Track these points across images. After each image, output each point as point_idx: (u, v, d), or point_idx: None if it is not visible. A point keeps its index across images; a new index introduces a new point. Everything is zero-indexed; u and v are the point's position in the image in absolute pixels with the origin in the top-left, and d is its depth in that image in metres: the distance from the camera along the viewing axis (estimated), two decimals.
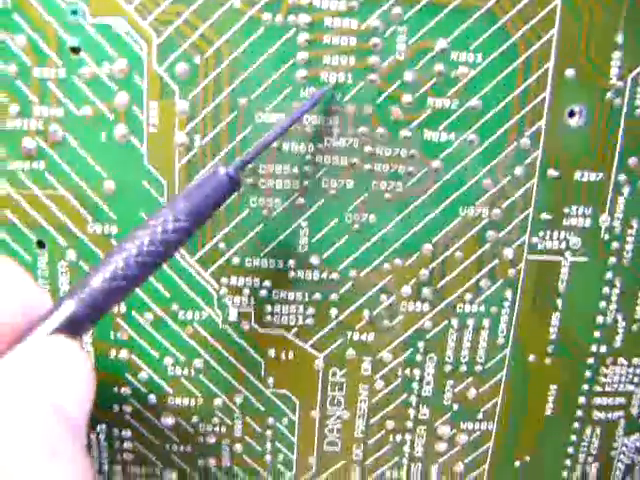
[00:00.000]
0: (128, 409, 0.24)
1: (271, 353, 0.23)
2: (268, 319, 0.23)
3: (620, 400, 0.25)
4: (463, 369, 0.24)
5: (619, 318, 0.24)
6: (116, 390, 0.24)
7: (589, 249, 0.23)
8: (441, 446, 0.25)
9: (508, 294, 0.23)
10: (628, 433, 0.25)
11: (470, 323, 0.24)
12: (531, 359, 0.24)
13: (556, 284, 0.23)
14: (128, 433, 0.24)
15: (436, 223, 0.23)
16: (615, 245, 0.23)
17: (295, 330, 0.23)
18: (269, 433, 0.24)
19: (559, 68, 0.21)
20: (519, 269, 0.23)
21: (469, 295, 0.23)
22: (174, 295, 0.23)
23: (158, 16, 0.21)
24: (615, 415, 0.25)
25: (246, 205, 0.22)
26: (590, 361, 0.24)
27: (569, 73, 0.22)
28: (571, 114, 0.22)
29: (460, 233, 0.23)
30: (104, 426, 0.24)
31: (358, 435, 0.25)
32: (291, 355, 0.24)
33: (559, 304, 0.24)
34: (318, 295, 0.23)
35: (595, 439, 0.25)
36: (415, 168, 0.22)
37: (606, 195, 0.23)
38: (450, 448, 0.25)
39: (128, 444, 0.24)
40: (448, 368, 0.24)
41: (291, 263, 0.23)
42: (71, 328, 0.16)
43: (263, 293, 0.23)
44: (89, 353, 0.23)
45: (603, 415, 0.25)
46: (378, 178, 0.22)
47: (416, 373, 0.24)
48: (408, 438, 0.25)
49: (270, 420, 0.24)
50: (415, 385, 0.24)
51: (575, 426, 0.25)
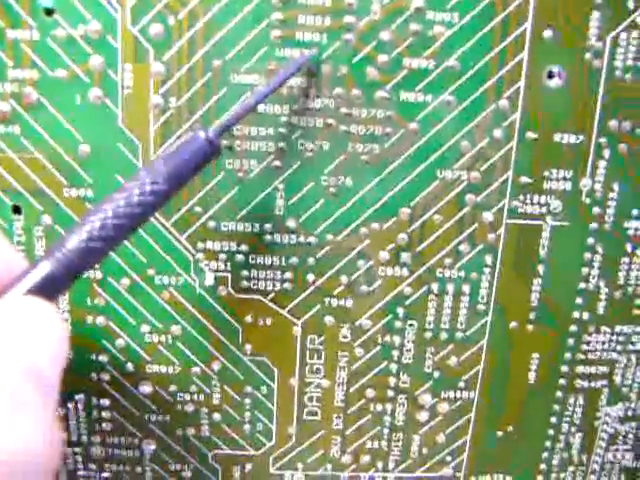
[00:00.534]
0: (106, 377, 0.24)
1: (248, 319, 0.23)
2: (245, 284, 0.23)
3: (603, 369, 0.25)
4: (444, 336, 0.24)
5: (601, 285, 0.24)
6: (94, 358, 0.24)
7: (570, 213, 0.23)
8: (422, 415, 0.25)
9: (488, 259, 0.23)
10: (611, 403, 0.25)
11: (450, 289, 0.23)
12: (513, 326, 0.24)
13: (537, 249, 0.23)
14: (106, 402, 0.24)
15: (414, 186, 0.22)
16: (596, 210, 0.23)
17: (272, 295, 0.23)
18: (248, 401, 0.24)
19: (537, 28, 0.21)
20: (499, 234, 0.23)
21: (448, 260, 0.23)
22: (150, 260, 0.23)
23: None
24: (598, 384, 0.25)
25: (222, 168, 0.22)
26: (573, 328, 0.24)
27: (547, 34, 0.21)
28: (550, 75, 0.22)
29: (438, 196, 0.22)
30: (82, 395, 0.24)
31: (338, 404, 0.25)
32: (269, 321, 0.23)
33: (540, 270, 0.23)
34: (295, 259, 0.23)
35: (578, 408, 0.25)
36: (392, 130, 0.22)
37: (587, 158, 0.22)
38: (431, 418, 0.25)
39: (106, 413, 0.24)
40: (428, 335, 0.24)
41: (267, 227, 0.22)
42: (46, 289, 0.16)
43: (239, 257, 0.23)
44: (66, 319, 0.23)
45: (586, 384, 0.25)
46: (354, 140, 0.22)
47: (396, 340, 0.24)
48: (389, 407, 0.25)
49: (248, 388, 0.24)
50: (395, 352, 0.24)
51: (558, 395, 0.25)
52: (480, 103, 0.22)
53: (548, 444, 0.25)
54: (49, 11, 0.21)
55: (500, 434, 0.25)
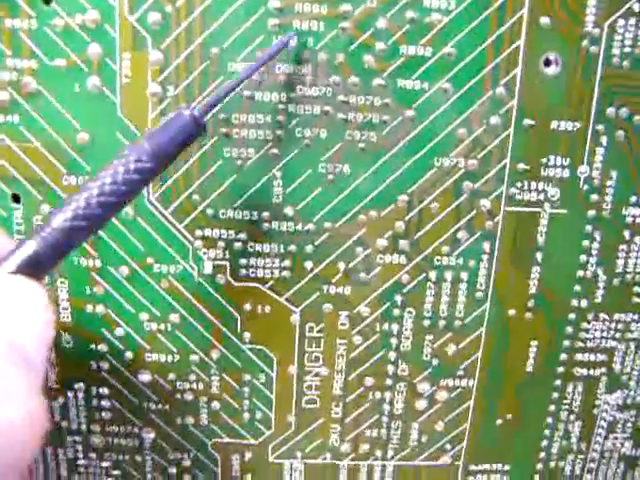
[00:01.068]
0: (105, 366, 0.24)
1: (247, 307, 0.23)
2: (243, 272, 0.23)
3: (602, 357, 0.25)
4: (442, 324, 0.24)
5: (600, 272, 0.24)
6: (93, 346, 0.24)
7: (568, 201, 0.23)
8: (421, 403, 0.25)
9: (486, 246, 0.23)
10: (610, 390, 0.25)
11: (448, 276, 0.23)
12: (511, 314, 0.24)
13: (535, 237, 0.23)
14: (106, 391, 0.24)
15: (411, 173, 0.22)
16: (594, 197, 0.23)
17: (271, 283, 0.23)
18: (246, 390, 0.24)
19: (534, 15, 0.21)
20: (497, 221, 0.23)
21: (446, 248, 0.23)
22: (149, 248, 0.23)
23: None
24: (597, 372, 0.25)
25: (219, 155, 0.22)
26: (571, 316, 0.24)
27: (544, 20, 0.21)
28: (547, 62, 0.22)
29: (436, 184, 0.23)
30: (82, 384, 0.24)
31: (337, 392, 0.25)
32: (267, 309, 0.23)
33: (538, 257, 0.23)
34: (293, 247, 0.23)
35: (577, 396, 0.25)
36: (389, 117, 0.22)
37: (584, 145, 0.22)
38: (430, 406, 0.25)
39: (106, 402, 0.24)
40: (427, 323, 0.24)
41: (265, 215, 0.22)
42: (32, 268, 0.16)
43: (238, 245, 0.23)
44: (65, 308, 0.23)
45: (585, 372, 0.25)
46: (352, 127, 0.22)
47: (394, 328, 0.24)
48: (387, 395, 0.25)
49: (247, 377, 0.24)
50: (394, 340, 0.24)
51: (557, 383, 0.25)
52: (477, 90, 0.22)
53: (547, 432, 0.26)
54: (47, 0, 0.21)
55: (499, 422, 0.25)
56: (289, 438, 0.25)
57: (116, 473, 0.25)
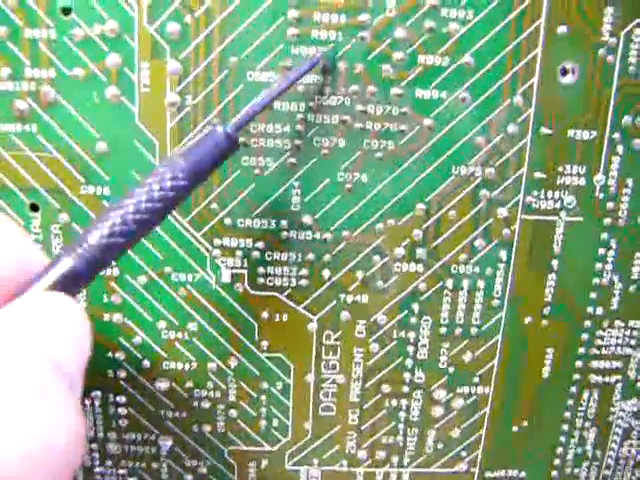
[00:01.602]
0: (122, 374, 0.24)
1: (264, 315, 0.23)
2: (261, 281, 0.23)
3: (617, 364, 0.25)
4: (458, 331, 0.24)
5: (615, 279, 0.24)
6: (110, 355, 0.24)
7: (584, 209, 0.23)
8: (437, 411, 0.25)
9: (503, 254, 0.23)
10: (626, 397, 0.25)
11: (465, 284, 0.23)
12: (527, 321, 0.24)
13: (551, 244, 0.23)
14: (123, 399, 0.24)
15: (429, 182, 0.22)
16: (610, 205, 0.23)
17: (288, 292, 0.23)
18: (264, 398, 0.24)
19: (551, 25, 0.21)
20: (514, 229, 0.23)
21: (464, 256, 0.23)
22: (167, 257, 0.23)
23: None
24: (612, 379, 0.25)
25: (238, 165, 0.22)
26: (587, 323, 0.24)
27: (561, 30, 0.21)
28: (564, 71, 0.22)
29: (453, 192, 0.23)
30: (99, 392, 0.24)
31: (353, 399, 0.25)
32: (285, 317, 0.23)
33: (555, 265, 0.23)
34: (311, 256, 0.23)
35: (593, 403, 0.25)
36: (407, 126, 0.22)
37: (600, 154, 0.23)
38: (446, 413, 0.25)
39: (123, 410, 0.24)
40: (443, 330, 0.24)
41: (283, 223, 0.23)
42: (68, 284, 0.16)
43: (256, 254, 0.23)
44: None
45: (600, 379, 0.25)
46: (370, 136, 0.22)
47: (411, 336, 0.24)
48: (404, 402, 0.25)
49: (264, 384, 0.24)
50: (410, 348, 0.24)
51: (572, 390, 0.25)
52: (494, 99, 0.22)
53: (563, 439, 0.26)
54: (66, 10, 0.21)
55: (515, 429, 0.25)
56: (306, 445, 0.25)
57: None
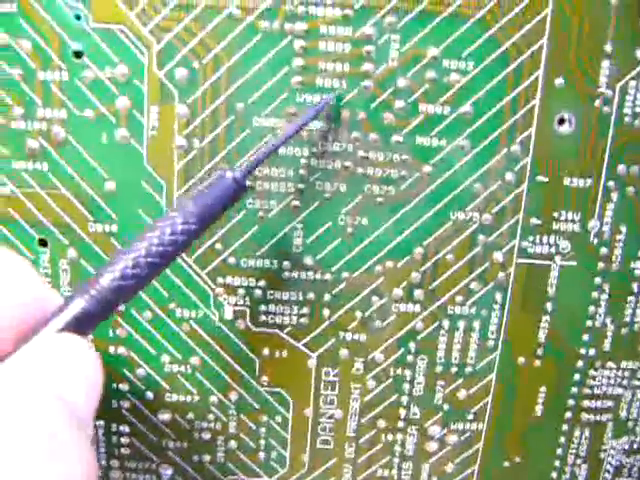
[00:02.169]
0: (126, 405, 0.24)
1: (265, 352, 0.24)
2: (262, 318, 0.24)
3: (609, 403, 0.25)
4: (454, 370, 0.25)
5: (608, 322, 0.24)
6: (114, 386, 0.24)
7: (578, 254, 0.24)
8: (432, 446, 0.25)
9: (498, 297, 0.24)
10: (617, 436, 0.26)
11: (461, 325, 0.24)
12: (521, 361, 0.25)
13: (545, 288, 0.24)
14: (126, 428, 0.25)
15: (427, 227, 0.23)
16: (604, 250, 0.24)
17: (289, 329, 0.24)
18: (263, 430, 0.25)
19: (549, 76, 0.22)
20: (509, 273, 0.24)
21: (460, 297, 0.24)
22: (172, 294, 0.23)
23: (158, 23, 0.21)
24: (604, 417, 0.26)
25: (242, 206, 0.23)
26: (579, 364, 0.25)
27: (559, 81, 0.22)
28: (561, 121, 0.22)
29: (451, 237, 0.23)
30: (102, 422, 0.25)
31: (350, 434, 0.25)
32: (285, 354, 0.24)
33: (548, 307, 0.24)
34: (312, 295, 0.24)
35: (584, 441, 0.26)
36: (407, 172, 0.23)
37: (595, 201, 0.23)
38: (440, 448, 0.26)
39: (125, 439, 0.25)
40: (439, 369, 0.25)
41: (285, 264, 0.23)
42: (80, 326, 0.17)
43: (258, 293, 0.23)
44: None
45: (592, 417, 0.25)
46: (371, 182, 0.23)
47: (407, 373, 0.25)
48: (399, 437, 0.25)
49: (264, 418, 0.25)
50: (406, 385, 0.25)
51: (564, 428, 0.26)
52: (493, 148, 0.22)
53: (554, 475, 0.26)
54: (78, 54, 0.21)
55: (507, 465, 0.26)
56: (303, 477, 0.26)
57: None
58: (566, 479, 0.26)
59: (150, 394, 0.24)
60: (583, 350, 0.25)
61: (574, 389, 0.25)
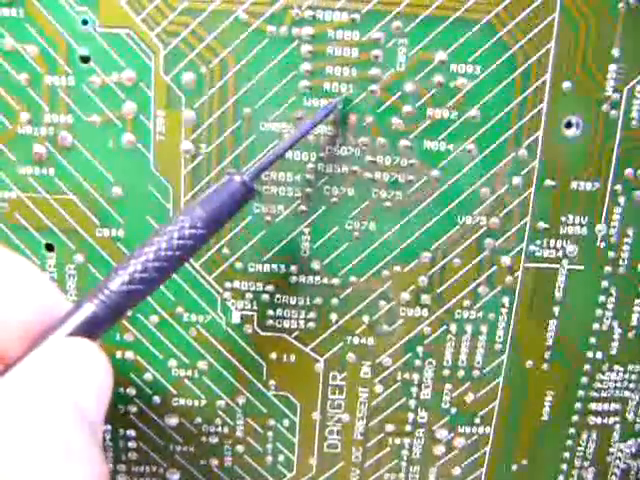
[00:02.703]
0: (133, 409, 0.24)
1: (273, 356, 0.24)
2: (270, 323, 0.24)
3: (616, 406, 0.25)
4: (461, 374, 0.25)
5: (615, 325, 0.24)
6: (122, 390, 0.24)
7: (585, 257, 0.24)
8: (439, 449, 0.25)
9: (505, 301, 0.24)
10: (624, 439, 0.26)
11: (468, 329, 0.24)
12: (528, 365, 0.25)
13: (553, 291, 0.24)
14: (132, 433, 0.25)
15: (435, 231, 0.23)
16: (611, 254, 0.24)
17: (296, 334, 0.24)
18: (270, 434, 0.25)
19: (556, 80, 0.22)
20: (516, 276, 0.24)
21: (467, 301, 0.24)
22: (179, 298, 0.23)
23: (165, 27, 0.21)
24: (611, 420, 0.26)
25: (250, 211, 0.23)
26: (586, 367, 0.25)
27: (566, 85, 0.22)
28: (568, 125, 0.22)
29: (458, 241, 0.23)
30: (109, 426, 0.25)
31: (357, 437, 0.25)
32: (292, 358, 0.24)
33: (556, 311, 0.24)
34: (319, 300, 0.24)
35: (591, 444, 0.26)
36: (415, 177, 0.23)
37: (602, 205, 0.23)
38: (448, 451, 0.26)
39: (132, 443, 0.25)
40: (446, 372, 0.25)
41: (293, 268, 0.23)
42: (90, 330, 0.17)
43: (265, 297, 0.23)
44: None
45: (599, 420, 0.25)
46: (378, 186, 0.23)
47: (415, 377, 0.25)
48: (407, 441, 0.25)
49: (271, 422, 0.25)
50: (414, 389, 0.25)
51: (571, 431, 0.26)
52: (500, 152, 0.22)
53: (562, 478, 0.26)
54: (85, 59, 0.21)
55: (515, 468, 0.26)
56: None
57: None
58: None
59: (157, 398, 0.24)
60: (590, 353, 0.25)
61: (581, 392, 0.25)
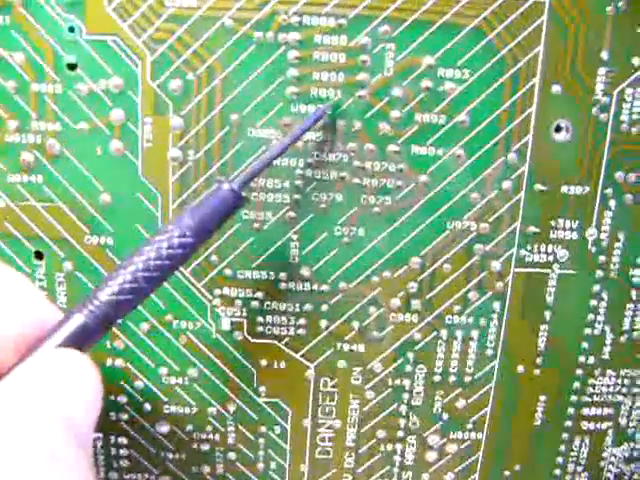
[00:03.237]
0: (124, 417, 0.24)
1: (263, 363, 0.24)
2: (260, 329, 0.24)
3: (608, 411, 0.25)
4: (452, 379, 0.24)
5: (607, 330, 0.24)
6: (112, 398, 0.24)
7: (576, 262, 0.23)
8: (431, 455, 0.25)
9: (496, 306, 0.24)
10: (617, 443, 0.26)
11: (459, 334, 0.24)
12: (520, 370, 0.24)
13: (544, 296, 0.24)
14: (124, 440, 0.25)
15: (424, 236, 0.23)
16: (602, 258, 0.23)
17: (286, 340, 0.24)
18: (262, 441, 0.25)
19: (545, 84, 0.22)
20: (507, 282, 0.23)
21: (457, 307, 0.24)
22: (169, 306, 0.23)
23: (152, 34, 0.21)
24: (604, 425, 0.25)
25: (238, 218, 0.22)
26: (579, 372, 0.25)
27: (555, 89, 0.22)
28: (557, 129, 0.22)
29: (448, 246, 0.23)
30: (100, 434, 0.25)
31: (349, 444, 0.25)
32: (283, 365, 0.24)
33: (547, 316, 0.24)
34: (309, 306, 0.23)
35: (584, 449, 0.26)
36: (403, 182, 0.22)
37: (592, 209, 0.23)
38: (440, 457, 0.25)
39: (124, 451, 0.25)
40: (437, 378, 0.24)
41: (282, 275, 0.23)
42: (79, 341, 0.17)
43: (255, 304, 0.23)
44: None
45: (592, 425, 0.25)
46: (367, 192, 0.22)
47: (406, 383, 0.24)
48: (398, 447, 0.25)
49: (262, 428, 0.25)
50: (405, 395, 0.25)
51: (564, 436, 0.25)
52: (489, 156, 0.22)
53: None
54: (72, 66, 0.21)
55: (507, 473, 0.26)
56: None
57: None
58: None
59: (148, 406, 0.24)
60: (582, 358, 0.24)
61: (574, 397, 0.25)
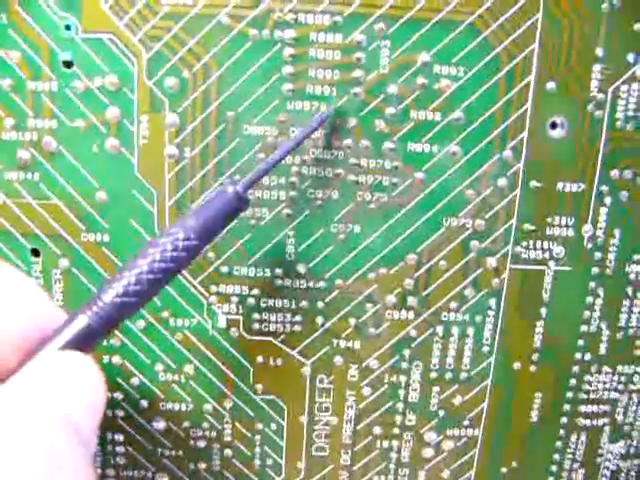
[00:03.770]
0: (120, 413, 0.24)
1: (259, 359, 0.24)
2: (256, 326, 0.24)
3: (605, 407, 0.25)
4: (449, 376, 0.24)
5: (603, 326, 0.24)
6: (109, 395, 0.24)
7: (572, 258, 0.23)
8: (427, 452, 0.25)
9: (492, 303, 0.24)
10: (613, 440, 0.26)
11: (455, 331, 0.24)
12: (516, 367, 0.24)
13: (540, 293, 0.24)
14: (120, 437, 0.25)
15: (420, 233, 0.23)
16: (598, 255, 0.23)
17: (282, 337, 0.24)
18: (258, 438, 0.25)
19: (540, 81, 0.22)
20: (503, 278, 0.23)
21: (454, 304, 0.24)
22: (165, 303, 0.23)
23: (148, 32, 0.21)
24: (600, 422, 0.25)
25: None
26: (575, 369, 0.25)
27: (550, 86, 0.22)
28: (553, 126, 0.22)
29: (444, 243, 0.23)
30: (97, 431, 0.25)
31: (346, 441, 0.25)
32: (279, 362, 0.24)
33: (543, 313, 0.24)
34: (305, 303, 0.23)
35: (581, 446, 0.26)
36: (399, 179, 0.22)
37: (588, 205, 0.23)
38: (436, 454, 0.25)
39: (120, 448, 0.25)
40: (434, 375, 0.24)
41: (278, 272, 0.23)
42: (84, 342, 0.17)
43: (251, 301, 0.23)
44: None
45: (588, 422, 0.25)
46: (363, 189, 0.22)
47: (402, 380, 0.24)
48: (395, 444, 0.25)
49: (259, 425, 0.25)
50: (401, 392, 0.25)
51: (561, 433, 0.25)
52: (485, 153, 0.22)
53: None
54: (68, 64, 0.21)
55: (504, 470, 0.26)
56: None
57: None
58: None
59: (145, 403, 0.24)
60: (578, 355, 0.25)
61: (570, 394, 0.25)
